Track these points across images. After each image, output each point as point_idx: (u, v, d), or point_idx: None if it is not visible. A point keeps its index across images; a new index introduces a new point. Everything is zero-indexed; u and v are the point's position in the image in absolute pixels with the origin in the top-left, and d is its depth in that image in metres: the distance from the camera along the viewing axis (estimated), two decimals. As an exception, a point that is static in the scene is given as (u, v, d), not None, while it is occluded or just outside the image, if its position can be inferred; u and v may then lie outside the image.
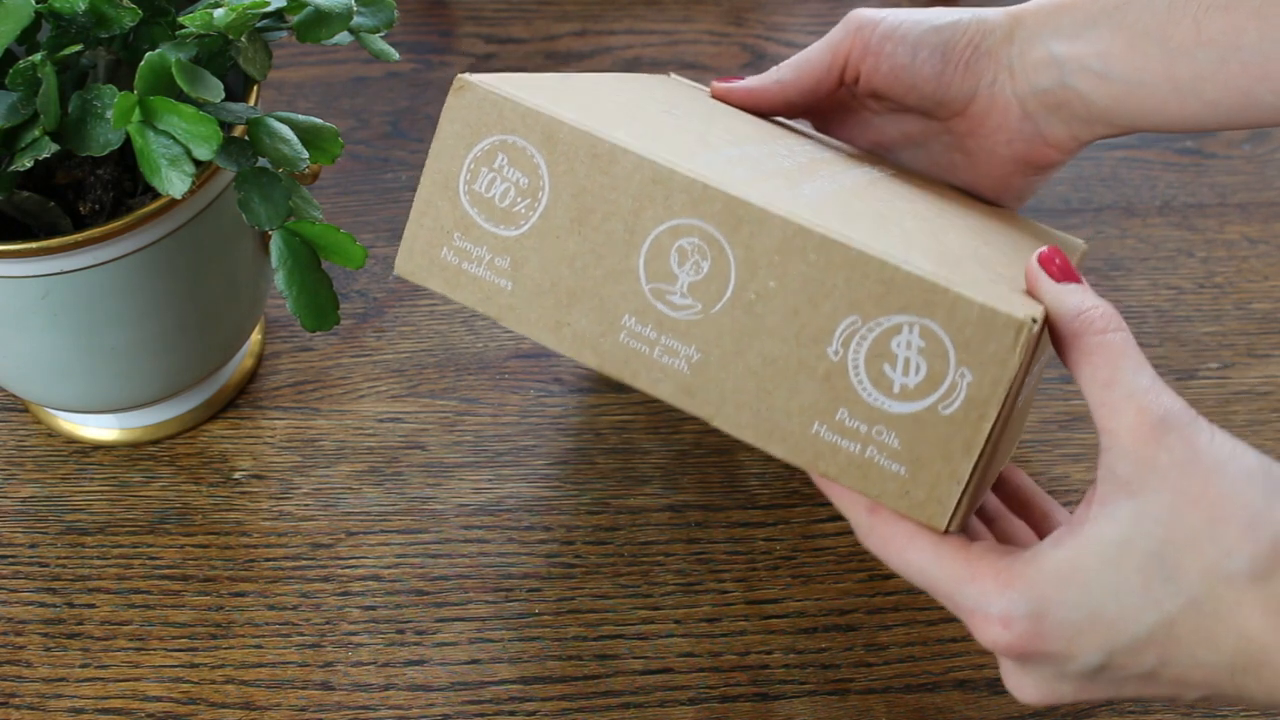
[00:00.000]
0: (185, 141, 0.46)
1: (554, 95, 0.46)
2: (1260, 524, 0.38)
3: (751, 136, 0.52)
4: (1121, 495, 0.39)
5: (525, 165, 0.44)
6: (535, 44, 0.82)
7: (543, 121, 0.44)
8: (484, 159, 0.45)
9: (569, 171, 0.44)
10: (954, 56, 0.54)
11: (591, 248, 0.44)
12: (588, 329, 0.44)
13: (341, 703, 0.53)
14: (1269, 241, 0.71)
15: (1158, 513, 0.39)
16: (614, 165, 0.43)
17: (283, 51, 0.79)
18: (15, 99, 0.48)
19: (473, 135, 0.45)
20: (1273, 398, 0.63)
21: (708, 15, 0.84)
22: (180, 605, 0.56)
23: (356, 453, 0.62)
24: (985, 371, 0.40)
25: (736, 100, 0.57)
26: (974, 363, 0.40)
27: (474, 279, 0.46)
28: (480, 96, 0.44)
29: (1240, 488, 0.38)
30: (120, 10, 0.48)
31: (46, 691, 0.54)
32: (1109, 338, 0.40)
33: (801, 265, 0.41)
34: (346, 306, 0.67)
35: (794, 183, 0.46)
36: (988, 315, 0.40)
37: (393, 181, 0.74)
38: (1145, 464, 0.39)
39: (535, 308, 0.45)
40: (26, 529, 0.59)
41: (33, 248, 0.49)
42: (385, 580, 0.57)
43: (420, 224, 0.46)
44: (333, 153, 0.50)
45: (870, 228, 0.43)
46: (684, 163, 0.43)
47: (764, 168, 0.46)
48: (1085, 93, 0.52)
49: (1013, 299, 0.41)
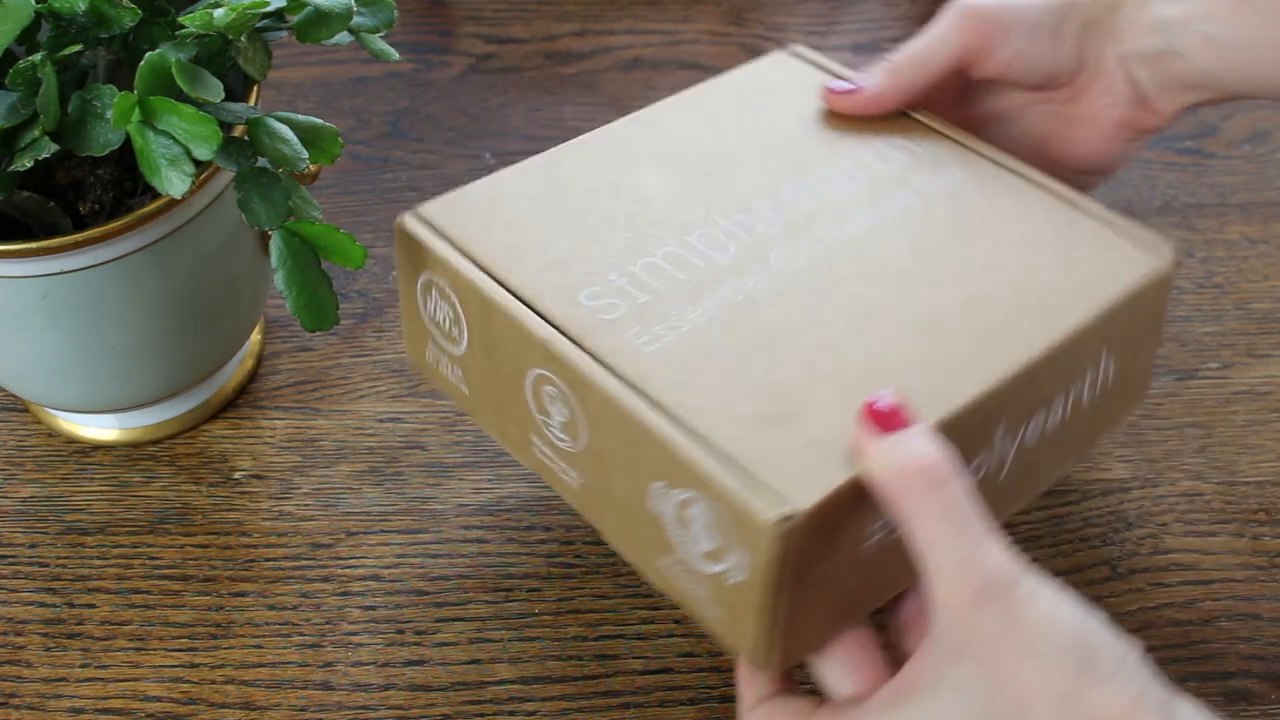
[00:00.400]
0: (185, 141, 0.46)
1: (487, 223, 0.51)
2: (1067, 708, 0.37)
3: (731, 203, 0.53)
4: (948, 662, 0.39)
5: (447, 300, 0.51)
6: (535, 44, 0.82)
7: (449, 268, 0.50)
8: (424, 289, 0.52)
9: (470, 312, 0.50)
10: (1065, 34, 0.54)
11: (500, 375, 0.50)
12: (516, 438, 0.51)
13: (341, 703, 0.53)
14: (1269, 241, 0.71)
15: (976, 688, 0.39)
16: (494, 313, 0.48)
17: (283, 51, 0.79)
18: (15, 99, 0.48)
19: (414, 269, 0.52)
20: (1273, 398, 0.63)
21: (708, 15, 0.84)
22: (180, 605, 0.56)
23: (356, 453, 0.62)
24: (758, 554, 0.42)
25: (860, 111, 0.56)
26: (747, 545, 0.42)
27: (448, 381, 0.53)
28: (408, 239, 0.51)
29: (1051, 666, 0.38)
30: (120, 10, 0.48)
31: (46, 691, 0.54)
32: (930, 498, 0.40)
33: (619, 427, 0.45)
34: (346, 306, 0.67)
35: (700, 294, 0.49)
36: (741, 508, 0.41)
37: (393, 181, 0.74)
38: (968, 633, 0.39)
39: (485, 413, 0.52)
40: (26, 529, 0.59)
41: (33, 248, 0.49)
42: (385, 580, 0.57)
43: (409, 325, 0.54)
44: (333, 153, 0.50)
45: (718, 374, 0.46)
46: (555, 310, 0.48)
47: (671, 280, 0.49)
48: (1190, 55, 0.52)
49: (785, 484, 0.42)
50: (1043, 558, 0.57)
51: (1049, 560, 0.57)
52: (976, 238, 0.51)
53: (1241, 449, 0.61)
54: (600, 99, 0.78)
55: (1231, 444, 0.61)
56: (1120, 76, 0.54)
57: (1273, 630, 0.54)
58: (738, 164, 0.55)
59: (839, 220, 0.52)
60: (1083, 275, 0.49)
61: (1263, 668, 0.53)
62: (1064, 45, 0.54)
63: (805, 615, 0.44)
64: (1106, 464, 0.60)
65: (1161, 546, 0.57)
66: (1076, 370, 0.49)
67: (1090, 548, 0.57)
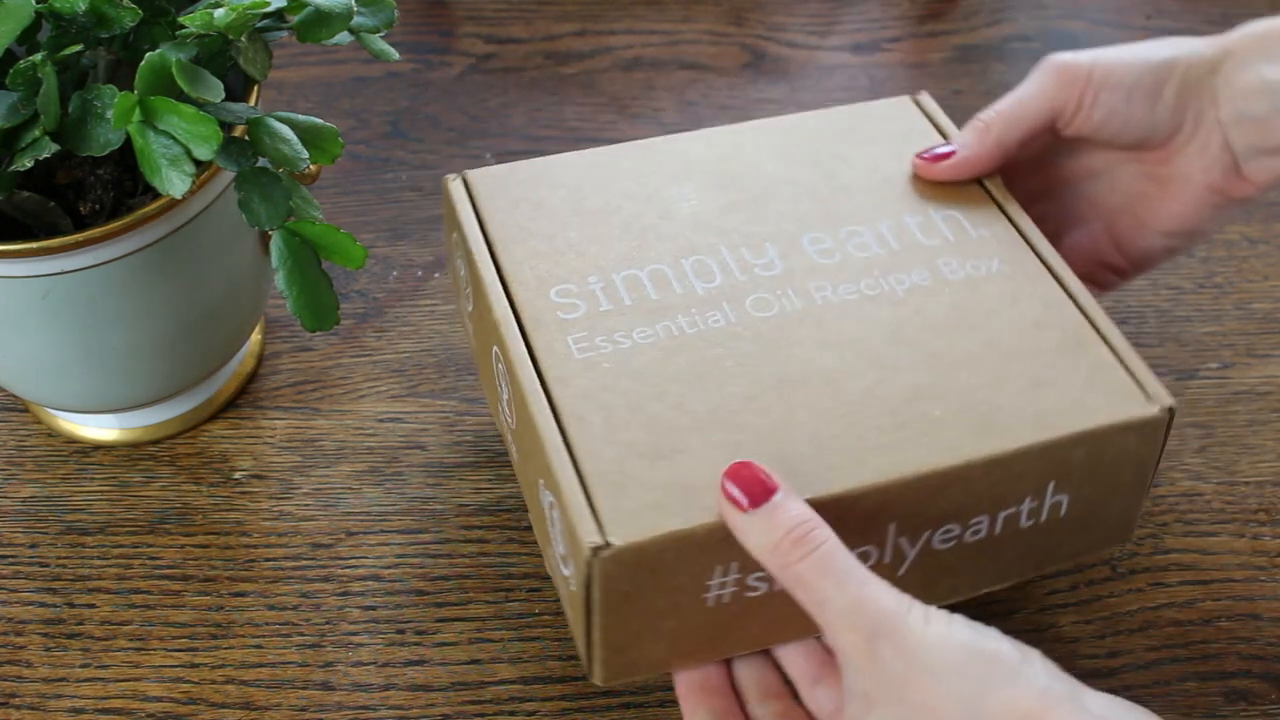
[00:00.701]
0: (185, 141, 0.46)
1: (516, 200, 0.55)
2: (978, 715, 0.38)
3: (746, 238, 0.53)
4: (863, 709, 0.41)
5: (464, 260, 0.54)
6: (535, 44, 0.82)
7: (464, 233, 0.54)
8: (453, 245, 0.56)
9: (472, 277, 0.53)
10: (1163, 96, 0.53)
11: (482, 342, 0.54)
12: (491, 401, 0.55)
13: (341, 703, 0.53)
14: (1269, 241, 0.71)
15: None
16: (479, 285, 0.52)
17: (283, 51, 0.79)
18: (15, 99, 0.48)
19: (449, 225, 0.56)
20: (1273, 398, 0.63)
21: (708, 15, 0.84)
22: (180, 605, 0.56)
23: (356, 453, 0.62)
24: (581, 572, 0.44)
25: (948, 178, 0.55)
26: (578, 561, 0.44)
27: (468, 331, 0.58)
28: (448, 197, 0.55)
29: (953, 682, 0.39)
30: (120, 10, 0.48)
31: (47, 691, 0.54)
32: (805, 565, 0.41)
33: (526, 419, 0.48)
34: (346, 306, 0.67)
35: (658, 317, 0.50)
36: (572, 527, 0.44)
37: (393, 181, 0.74)
38: (873, 676, 0.40)
39: (480, 371, 0.57)
40: (27, 529, 0.59)
41: (33, 248, 0.49)
42: (385, 580, 0.57)
43: (451, 273, 0.59)
44: (333, 153, 0.50)
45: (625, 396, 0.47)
46: (523, 297, 0.51)
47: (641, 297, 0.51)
48: None
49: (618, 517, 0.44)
50: (1043, 558, 0.57)
51: (1049, 560, 0.57)
52: (966, 333, 0.49)
53: (1241, 449, 0.61)
54: (600, 99, 0.78)
55: (1231, 444, 0.61)
56: (1216, 140, 0.53)
57: (1273, 630, 0.54)
58: (778, 200, 0.55)
59: (837, 282, 0.51)
60: (1050, 401, 0.47)
61: (1263, 668, 0.53)
62: (1160, 107, 0.53)
63: (635, 641, 0.46)
64: (1106, 464, 0.60)
65: (1161, 546, 0.57)
66: (1007, 495, 0.47)
67: (1090, 548, 0.57)
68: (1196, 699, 0.53)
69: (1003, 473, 0.46)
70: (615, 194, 0.55)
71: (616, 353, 0.49)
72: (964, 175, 0.55)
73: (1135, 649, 0.54)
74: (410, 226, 0.71)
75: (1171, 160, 0.54)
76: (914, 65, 0.80)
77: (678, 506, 0.44)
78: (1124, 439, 0.47)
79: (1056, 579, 0.56)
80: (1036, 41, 0.81)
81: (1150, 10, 0.83)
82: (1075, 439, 0.47)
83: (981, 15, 0.83)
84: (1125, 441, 0.47)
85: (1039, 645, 0.54)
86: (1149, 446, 0.48)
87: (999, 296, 0.51)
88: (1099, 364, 0.49)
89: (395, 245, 0.70)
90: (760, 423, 0.47)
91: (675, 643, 0.47)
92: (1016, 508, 0.48)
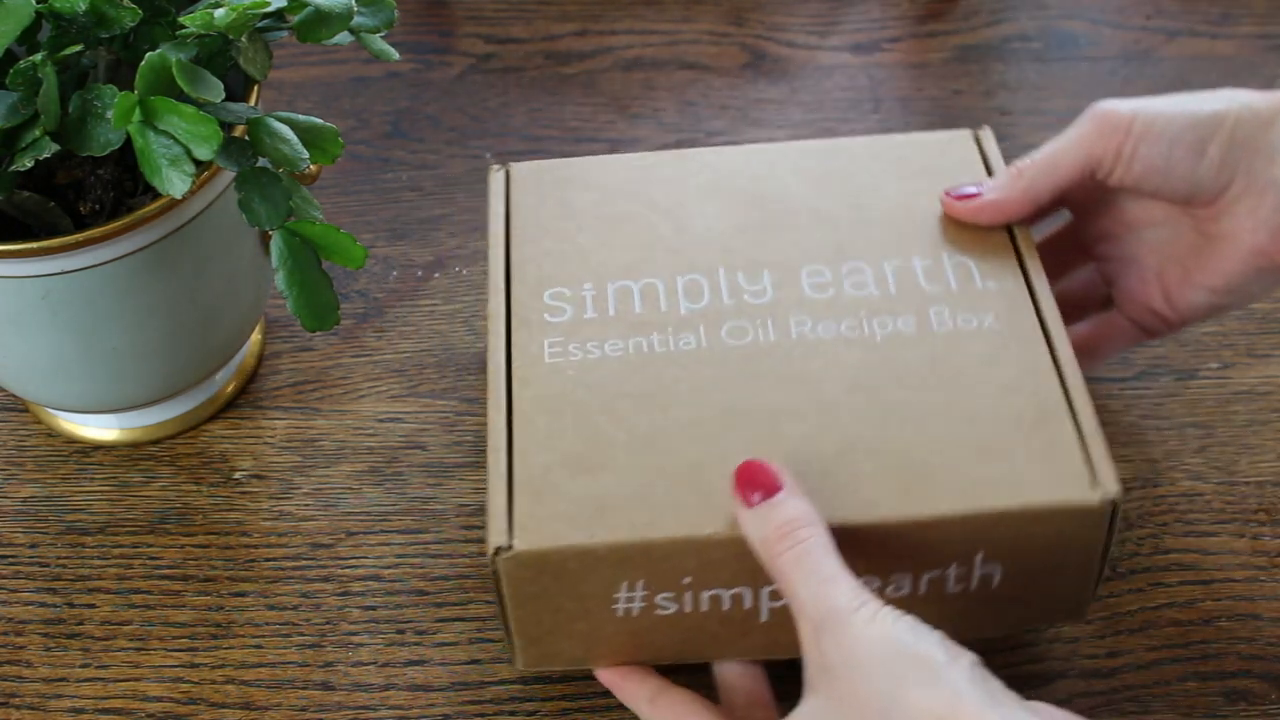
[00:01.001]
0: (185, 141, 0.46)
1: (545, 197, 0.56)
2: (892, 711, 0.39)
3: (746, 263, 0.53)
4: (806, 695, 0.43)
5: None
6: (535, 44, 0.82)
7: (491, 221, 0.56)
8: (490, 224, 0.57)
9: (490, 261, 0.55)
10: (1210, 151, 0.50)
11: None
12: None
13: (341, 703, 0.53)
14: (1269, 241, 0.71)
15: (822, 712, 0.42)
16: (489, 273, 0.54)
17: (283, 51, 0.79)
18: (15, 99, 0.48)
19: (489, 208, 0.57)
20: (1273, 398, 0.63)
21: (708, 15, 0.84)
22: (180, 605, 0.56)
23: (357, 453, 0.62)
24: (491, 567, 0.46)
25: (975, 219, 0.54)
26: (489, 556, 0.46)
27: None
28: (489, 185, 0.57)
29: (876, 678, 0.40)
30: (120, 10, 0.48)
31: (47, 691, 0.54)
32: (784, 559, 0.43)
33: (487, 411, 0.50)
34: (346, 306, 0.67)
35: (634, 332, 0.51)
36: (489, 523, 0.46)
37: (393, 181, 0.74)
38: (814, 666, 0.42)
39: None
40: (27, 529, 0.59)
41: (33, 248, 0.49)
42: (385, 580, 0.57)
43: None
44: (333, 153, 0.50)
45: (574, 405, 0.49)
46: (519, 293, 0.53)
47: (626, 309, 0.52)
48: None
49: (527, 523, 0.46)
50: (1043, 558, 0.57)
51: (1049, 560, 0.57)
52: (929, 390, 0.49)
53: (1241, 449, 0.61)
54: (600, 99, 0.78)
55: (1231, 444, 0.61)
56: (1269, 202, 0.50)
57: (1273, 630, 0.54)
58: (794, 228, 0.55)
59: (820, 319, 0.51)
60: (988, 472, 0.46)
61: (1263, 668, 0.53)
62: (1205, 163, 0.50)
63: (548, 635, 0.48)
64: (1106, 464, 0.60)
65: (1162, 546, 0.57)
66: (930, 558, 0.47)
67: (1090, 548, 0.57)
68: (1196, 699, 0.52)
69: (920, 537, 0.46)
70: (640, 202, 0.56)
71: (584, 362, 0.50)
72: (988, 219, 0.53)
73: (1135, 649, 0.54)
74: (410, 226, 0.71)
75: (1220, 217, 0.52)
76: (914, 65, 0.80)
77: (587, 521, 0.46)
78: (1059, 522, 0.46)
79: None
80: (1036, 41, 0.81)
81: (1150, 10, 0.83)
82: (1000, 515, 0.45)
83: (981, 15, 0.83)
84: (1061, 524, 0.46)
85: (1038, 645, 0.54)
86: (1092, 533, 0.46)
87: (979, 355, 0.49)
88: (1056, 440, 0.47)
89: (395, 245, 0.70)
90: (690, 451, 0.47)
91: (590, 644, 0.49)
92: (942, 571, 0.47)
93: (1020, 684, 0.53)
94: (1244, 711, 0.52)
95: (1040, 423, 0.47)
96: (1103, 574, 0.48)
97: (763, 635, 0.49)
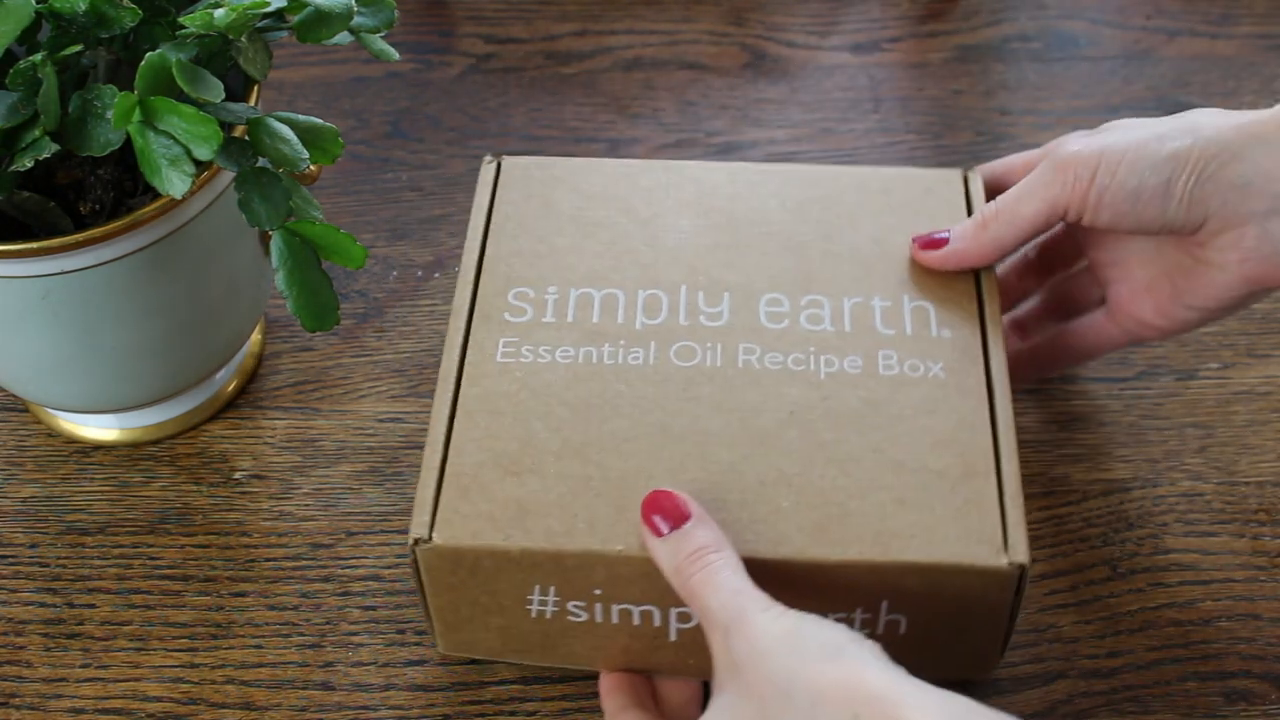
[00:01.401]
0: (185, 141, 0.46)
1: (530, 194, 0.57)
2: (792, 685, 0.40)
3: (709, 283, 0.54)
4: (715, 693, 0.44)
5: None
6: (535, 44, 0.82)
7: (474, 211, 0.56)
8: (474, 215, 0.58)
9: None
10: (1174, 194, 0.50)
11: None
12: None
13: (342, 703, 0.53)
14: (1269, 241, 0.71)
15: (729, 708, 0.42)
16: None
17: (283, 51, 0.79)
18: (15, 99, 0.48)
19: None
20: (1273, 398, 0.63)
21: (708, 15, 0.84)
22: (180, 605, 0.56)
23: (357, 453, 0.62)
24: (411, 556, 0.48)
25: (939, 266, 0.54)
26: None
27: None
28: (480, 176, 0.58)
29: (780, 659, 0.41)
30: (120, 10, 0.48)
31: (47, 691, 0.54)
32: (694, 580, 0.44)
33: None
34: (347, 306, 0.67)
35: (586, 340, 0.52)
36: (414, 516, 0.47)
37: (393, 181, 0.74)
38: (725, 667, 0.43)
39: None
40: (27, 529, 0.59)
41: (33, 248, 0.49)
42: (385, 580, 0.57)
43: None
44: (333, 153, 0.50)
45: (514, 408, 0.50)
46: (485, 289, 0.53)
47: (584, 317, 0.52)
48: None
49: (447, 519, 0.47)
50: (1043, 558, 0.57)
51: (1049, 560, 0.57)
52: (861, 433, 0.49)
53: (1241, 449, 0.61)
54: (600, 99, 0.78)
55: (1231, 444, 0.61)
56: (1251, 233, 0.50)
57: (1273, 630, 0.54)
58: (764, 252, 0.55)
59: (769, 350, 0.51)
60: (901, 523, 0.46)
61: (1263, 668, 0.53)
62: (1175, 203, 0.50)
63: (466, 625, 0.50)
64: (1107, 464, 0.60)
65: (1162, 546, 0.57)
66: (836, 600, 0.47)
67: (1090, 548, 0.57)
68: (1196, 699, 0.53)
69: (827, 578, 0.46)
70: (619, 210, 0.56)
71: (534, 365, 0.51)
72: (953, 268, 0.54)
73: (1135, 649, 0.54)
74: (410, 226, 0.71)
75: (1206, 246, 0.51)
76: (914, 65, 0.80)
77: (506, 523, 0.47)
78: (966, 580, 0.46)
79: (1056, 579, 0.56)
80: (1036, 41, 0.81)
81: (1150, 10, 0.83)
82: (906, 567, 0.46)
83: (981, 15, 0.83)
84: (968, 583, 0.46)
85: (1039, 645, 0.54)
86: (999, 595, 0.46)
87: (918, 403, 0.49)
88: (976, 499, 0.47)
89: (395, 245, 0.70)
90: (617, 466, 0.48)
91: (506, 639, 0.50)
92: (847, 614, 0.47)
93: (1020, 684, 0.53)
94: (1244, 711, 0.52)
95: (964, 480, 0.47)
96: (1010, 634, 0.49)
97: (673, 654, 0.50)
